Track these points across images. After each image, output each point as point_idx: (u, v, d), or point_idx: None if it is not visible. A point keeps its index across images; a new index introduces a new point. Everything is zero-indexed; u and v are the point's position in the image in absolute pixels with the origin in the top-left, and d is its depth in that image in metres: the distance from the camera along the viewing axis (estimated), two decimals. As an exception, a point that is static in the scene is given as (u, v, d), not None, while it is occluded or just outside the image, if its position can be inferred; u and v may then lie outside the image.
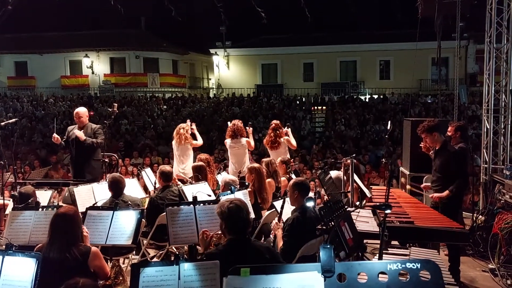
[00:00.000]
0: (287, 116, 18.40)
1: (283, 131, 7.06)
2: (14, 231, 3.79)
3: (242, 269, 1.36)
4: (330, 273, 1.28)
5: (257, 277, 1.34)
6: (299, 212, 3.93)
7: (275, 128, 7.02)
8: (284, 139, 7.02)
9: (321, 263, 1.30)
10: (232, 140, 6.99)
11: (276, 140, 6.96)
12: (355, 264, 1.35)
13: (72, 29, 28.18)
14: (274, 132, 6.99)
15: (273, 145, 6.97)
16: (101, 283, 3.17)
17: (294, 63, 26.92)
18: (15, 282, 2.73)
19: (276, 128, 7.02)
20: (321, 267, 1.29)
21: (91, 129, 6.31)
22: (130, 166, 11.17)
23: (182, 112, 20.25)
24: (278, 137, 6.98)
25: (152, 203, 5.00)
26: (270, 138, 7.01)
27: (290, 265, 1.39)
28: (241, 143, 6.97)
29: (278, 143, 6.96)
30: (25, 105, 22.03)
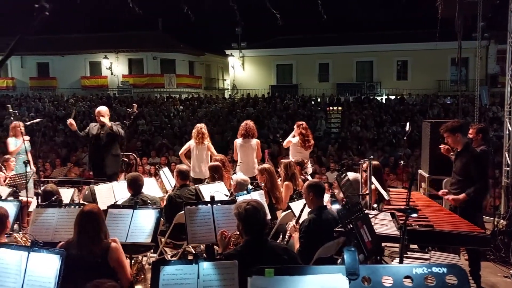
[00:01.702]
0: (302, 116, 18.35)
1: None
2: (38, 228, 3.88)
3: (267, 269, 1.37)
4: (354, 276, 1.28)
5: (282, 278, 1.36)
6: (315, 214, 3.93)
7: (306, 128, 7.06)
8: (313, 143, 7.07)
9: (345, 265, 1.30)
10: (243, 140, 7.02)
11: (311, 140, 6.99)
12: (380, 268, 1.35)
13: (92, 31, 28.65)
14: (306, 132, 7.00)
15: (309, 145, 6.97)
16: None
17: (309, 63, 26.82)
18: (39, 278, 2.79)
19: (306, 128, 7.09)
20: (346, 270, 1.30)
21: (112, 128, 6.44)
22: (147, 165, 11.31)
23: (198, 112, 20.38)
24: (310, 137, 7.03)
25: (170, 200, 5.07)
26: (305, 137, 6.99)
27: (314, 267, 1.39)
28: (250, 144, 6.99)
29: (311, 144, 6.99)
30: (46, 105, 22.49)
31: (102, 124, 6.38)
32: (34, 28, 1.10)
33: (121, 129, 6.47)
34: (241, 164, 6.93)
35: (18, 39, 1.11)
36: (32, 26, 1.10)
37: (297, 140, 7.07)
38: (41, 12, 1.04)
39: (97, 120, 6.52)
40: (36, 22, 1.05)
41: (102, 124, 6.38)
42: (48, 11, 1.04)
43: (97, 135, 6.35)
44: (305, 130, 7.04)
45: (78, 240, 3.10)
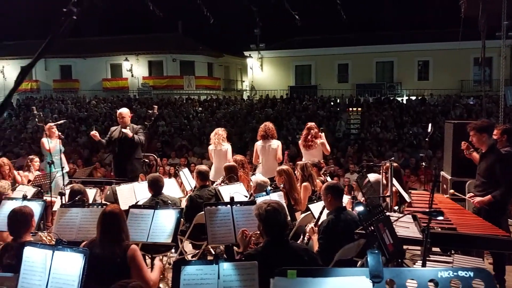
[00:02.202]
0: (321, 117, 18.25)
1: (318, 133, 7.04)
2: (62, 227, 3.96)
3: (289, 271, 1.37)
4: (378, 278, 1.27)
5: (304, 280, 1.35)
6: (334, 215, 3.91)
7: (311, 128, 7.02)
8: (319, 142, 6.99)
9: (369, 268, 1.29)
10: (263, 141, 7.02)
11: (312, 140, 6.94)
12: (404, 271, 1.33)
13: (113, 33, 29.14)
14: (309, 132, 6.98)
15: (308, 144, 6.94)
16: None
17: (328, 64, 26.64)
18: (64, 276, 2.84)
19: (312, 128, 7.03)
20: (369, 272, 1.28)
21: (132, 129, 6.56)
22: (167, 166, 11.44)
23: (217, 114, 20.50)
24: (313, 137, 6.97)
25: (191, 201, 5.11)
26: (305, 137, 6.99)
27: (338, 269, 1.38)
28: (270, 145, 6.98)
29: (313, 144, 6.94)
30: (69, 107, 22.98)
31: (124, 127, 6.49)
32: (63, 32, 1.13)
33: (142, 131, 6.57)
34: (261, 165, 6.94)
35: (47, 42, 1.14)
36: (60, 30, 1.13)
37: (301, 141, 7.10)
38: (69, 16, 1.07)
39: (119, 122, 6.64)
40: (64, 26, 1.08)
41: (123, 127, 6.50)
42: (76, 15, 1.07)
43: (119, 139, 6.48)
44: (307, 130, 7.03)
45: (100, 239, 3.15)
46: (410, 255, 5.11)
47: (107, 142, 6.62)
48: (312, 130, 7.00)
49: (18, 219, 3.32)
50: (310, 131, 6.97)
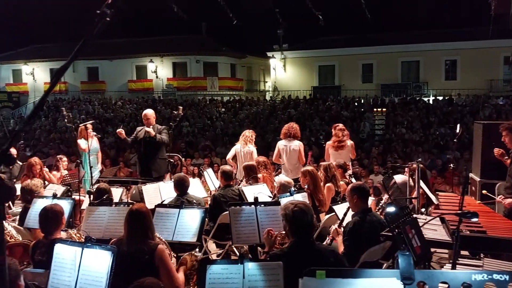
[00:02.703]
0: (344, 118, 18.06)
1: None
2: (90, 225, 4.06)
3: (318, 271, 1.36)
4: (409, 280, 1.24)
5: (333, 280, 1.34)
6: (359, 216, 3.86)
7: (343, 129, 7.00)
8: (349, 143, 6.95)
9: (400, 269, 1.27)
10: (285, 141, 7.01)
11: (344, 140, 6.90)
12: (437, 273, 1.30)
13: (139, 35, 29.64)
14: (342, 133, 6.93)
15: (341, 145, 6.89)
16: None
17: (352, 64, 26.36)
18: (92, 273, 2.90)
19: (343, 129, 7.02)
20: (400, 274, 1.26)
21: (157, 130, 6.68)
22: (191, 166, 11.55)
23: (239, 114, 20.57)
24: (346, 137, 6.93)
25: (215, 200, 5.15)
26: (338, 138, 6.93)
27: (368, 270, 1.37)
28: (292, 145, 6.96)
29: (345, 144, 6.90)
30: (96, 108, 23.53)
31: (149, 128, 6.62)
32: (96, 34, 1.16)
33: (166, 132, 6.67)
34: (284, 166, 6.93)
35: (81, 44, 1.17)
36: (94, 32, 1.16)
37: (331, 142, 7.03)
38: (103, 18, 1.09)
39: (144, 123, 6.77)
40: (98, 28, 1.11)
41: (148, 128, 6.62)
42: (110, 17, 1.09)
43: (144, 139, 6.61)
44: (339, 131, 6.98)
45: (127, 237, 3.21)
46: (437, 258, 4.99)
47: (132, 141, 6.76)
48: (344, 131, 6.97)
49: (49, 217, 3.41)
50: (343, 132, 6.94)
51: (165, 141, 6.60)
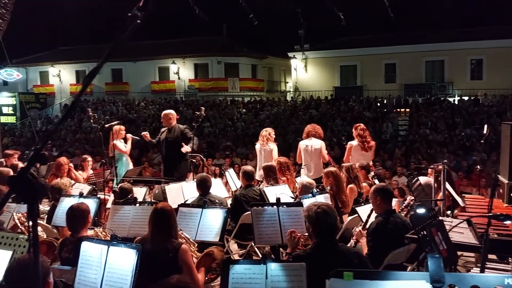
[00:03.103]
0: (367, 118, 17.85)
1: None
2: (115, 224, 4.14)
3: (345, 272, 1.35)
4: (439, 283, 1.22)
5: (361, 282, 1.33)
6: (383, 217, 3.82)
7: (365, 129, 6.91)
8: (373, 143, 6.87)
9: (429, 272, 1.24)
10: (306, 141, 6.97)
11: (369, 141, 6.82)
12: (467, 276, 1.27)
13: (161, 37, 30.03)
14: (365, 132, 6.85)
15: (369, 146, 6.80)
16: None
17: (374, 64, 26.01)
18: (118, 271, 2.95)
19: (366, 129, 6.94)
20: (430, 277, 1.24)
21: (179, 129, 6.74)
22: (212, 166, 11.63)
23: (260, 115, 20.59)
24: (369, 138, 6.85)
25: (236, 200, 5.17)
26: (364, 139, 6.84)
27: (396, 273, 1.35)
28: (314, 145, 6.90)
29: (371, 145, 6.82)
30: (119, 109, 23.95)
31: (170, 128, 6.70)
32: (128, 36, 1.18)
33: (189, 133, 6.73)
34: (306, 166, 6.90)
35: (113, 46, 1.20)
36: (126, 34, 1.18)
37: (357, 143, 6.91)
38: (134, 20, 1.12)
39: (164, 124, 6.86)
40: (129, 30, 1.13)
41: (169, 128, 6.70)
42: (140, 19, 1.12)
43: (166, 140, 6.69)
44: (362, 131, 6.88)
45: (152, 236, 3.25)
46: (463, 262, 4.88)
47: (157, 142, 6.87)
48: (367, 131, 6.89)
49: (76, 215, 3.49)
50: (365, 132, 6.84)
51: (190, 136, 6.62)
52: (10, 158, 7.24)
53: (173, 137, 6.70)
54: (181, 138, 6.68)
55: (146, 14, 1.13)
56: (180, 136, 6.70)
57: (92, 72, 1.24)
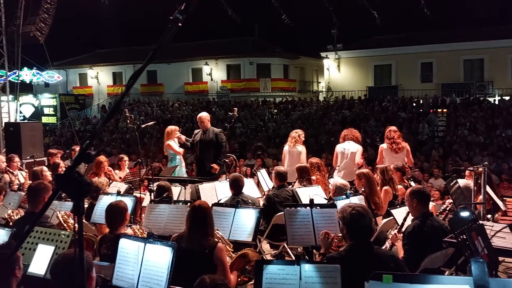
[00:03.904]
0: (401, 119, 17.43)
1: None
2: (151, 222, 4.24)
3: (385, 275, 1.33)
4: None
5: (401, 285, 1.30)
6: (419, 220, 3.73)
7: (395, 130, 6.81)
8: (405, 144, 6.73)
9: (473, 277, 1.20)
10: (342, 144, 6.91)
11: (399, 143, 6.68)
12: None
13: (195, 39, 30.51)
14: (395, 134, 6.73)
15: (399, 147, 6.68)
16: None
17: (410, 63, 25.36)
18: (154, 268, 3.02)
19: (397, 130, 6.85)
20: (474, 282, 1.20)
21: (213, 133, 6.83)
22: (244, 166, 11.69)
23: (292, 115, 20.51)
24: (401, 139, 6.72)
25: (269, 200, 5.18)
26: (393, 140, 6.73)
27: (437, 276, 1.31)
28: (349, 148, 6.83)
29: (402, 146, 6.68)
30: (154, 109, 24.51)
31: (204, 130, 6.80)
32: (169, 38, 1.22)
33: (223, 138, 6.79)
34: (339, 168, 6.84)
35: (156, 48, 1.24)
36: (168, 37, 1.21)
37: (386, 145, 6.82)
38: (176, 24, 1.15)
39: (199, 126, 6.97)
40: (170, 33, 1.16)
41: (204, 130, 6.81)
42: (181, 22, 1.15)
43: (200, 141, 6.81)
44: (390, 133, 6.80)
45: (189, 233, 3.31)
46: (503, 267, 4.69)
47: (191, 144, 7.00)
48: (397, 132, 6.78)
49: (114, 213, 3.61)
50: (396, 133, 6.73)
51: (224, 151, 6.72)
52: (53, 157, 7.56)
53: (207, 139, 6.81)
54: (215, 141, 6.77)
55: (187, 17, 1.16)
56: (214, 139, 6.79)
57: (136, 74, 1.28)
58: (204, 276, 2.47)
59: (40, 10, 11.57)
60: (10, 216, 4.41)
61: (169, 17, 1.19)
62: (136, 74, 1.28)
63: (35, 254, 3.33)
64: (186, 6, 1.17)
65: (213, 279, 2.47)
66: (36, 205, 3.92)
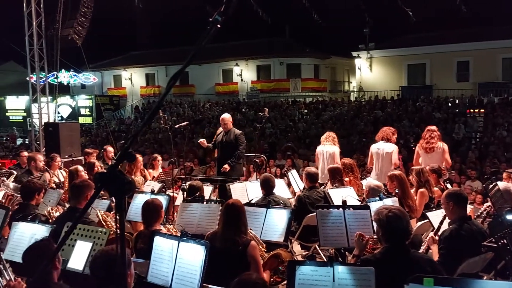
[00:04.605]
0: (436, 119, 16.94)
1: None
2: (183, 221, 4.30)
3: (426, 278, 1.30)
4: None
5: (442, 289, 1.27)
6: (457, 224, 3.61)
7: (433, 130, 6.64)
8: (442, 145, 6.54)
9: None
10: (378, 144, 6.79)
11: (432, 142, 6.51)
12: None
13: (225, 40, 30.81)
14: (430, 134, 6.56)
15: (430, 147, 6.51)
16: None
17: (445, 62, 24.60)
18: (187, 266, 3.07)
19: (434, 130, 6.67)
20: (520, 288, 1.15)
21: (233, 135, 6.85)
22: (273, 167, 11.70)
23: (323, 116, 20.33)
24: (435, 139, 6.54)
25: (300, 201, 5.16)
26: (426, 139, 6.57)
27: (480, 281, 1.27)
28: (383, 148, 6.70)
29: (435, 147, 6.50)
30: (185, 110, 24.89)
31: (226, 131, 6.86)
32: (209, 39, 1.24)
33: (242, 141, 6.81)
34: (374, 169, 6.73)
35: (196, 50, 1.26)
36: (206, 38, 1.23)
37: (418, 145, 6.69)
38: (214, 25, 1.17)
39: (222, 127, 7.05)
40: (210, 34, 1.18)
41: (226, 131, 6.87)
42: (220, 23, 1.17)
43: (221, 142, 6.87)
44: (425, 132, 6.66)
45: (222, 230, 3.35)
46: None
47: (213, 145, 7.08)
48: (434, 132, 6.60)
49: (150, 209, 3.70)
50: (431, 133, 6.56)
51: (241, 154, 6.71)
52: (89, 156, 7.81)
53: (228, 140, 6.87)
54: (234, 143, 6.82)
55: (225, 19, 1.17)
56: (233, 141, 6.83)
57: (176, 74, 1.31)
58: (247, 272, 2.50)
59: (77, 14, 11.97)
60: (50, 213, 4.58)
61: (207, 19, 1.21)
62: (177, 75, 1.31)
63: (74, 250, 3.45)
64: (225, 8, 1.19)
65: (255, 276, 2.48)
66: (79, 202, 4.06)
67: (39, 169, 6.61)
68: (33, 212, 4.33)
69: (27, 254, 2.63)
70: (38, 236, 3.57)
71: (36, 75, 11.78)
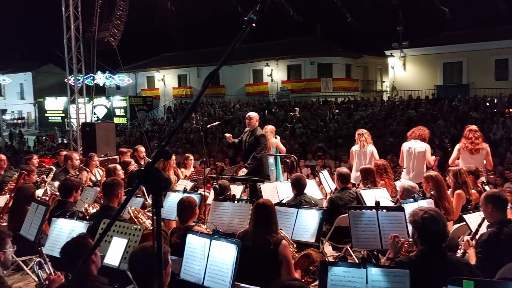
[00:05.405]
0: (473, 119, 16.35)
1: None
2: (215, 219, 4.35)
3: (465, 281, 1.26)
4: None
5: (483, 293, 1.23)
6: (496, 227, 3.48)
7: (474, 130, 6.42)
8: (486, 146, 6.31)
9: None
10: (409, 143, 6.64)
11: (477, 143, 6.29)
12: None
13: (255, 40, 30.91)
14: (473, 134, 6.35)
15: (476, 148, 6.30)
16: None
17: (483, 60, 23.70)
18: (219, 264, 3.10)
19: (477, 130, 6.46)
20: None
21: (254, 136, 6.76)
22: (304, 167, 11.62)
23: (354, 116, 20.03)
24: (480, 139, 6.32)
25: (332, 202, 5.10)
26: (470, 140, 6.36)
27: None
28: (415, 148, 6.52)
29: (480, 148, 6.28)
30: (216, 110, 25.14)
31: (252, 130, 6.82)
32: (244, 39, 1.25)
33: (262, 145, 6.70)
34: (406, 169, 6.58)
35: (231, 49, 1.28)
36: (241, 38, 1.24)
37: (461, 145, 6.43)
38: (249, 24, 1.18)
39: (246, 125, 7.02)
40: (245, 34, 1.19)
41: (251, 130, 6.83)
42: (255, 22, 1.17)
43: (245, 140, 6.85)
44: (469, 132, 6.41)
45: (253, 229, 3.37)
46: None
47: (239, 142, 7.08)
48: (477, 132, 6.39)
49: (186, 206, 3.79)
50: (474, 133, 6.34)
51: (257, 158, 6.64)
52: (123, 155, 8.03)
53: (249, 140, 6.81)
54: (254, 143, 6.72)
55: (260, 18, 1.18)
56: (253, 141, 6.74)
57: (211, 74, 1.33)
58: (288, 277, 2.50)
59: (113, 17, 12.32)
60: (87, 210, 4.74)
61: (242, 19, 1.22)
62: (212, 74, 1.33)
63: (110, 246, 3.56)
64: (260, 6, 1.19)
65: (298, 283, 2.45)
66: (111, 199, 4.19)
67: (75, 167, 6.84)
68: (71, 209, 4.49)
69: (65, 249, 2.73)
70: (76, 232, 3.70)
71: (74, 77, 12.22)
